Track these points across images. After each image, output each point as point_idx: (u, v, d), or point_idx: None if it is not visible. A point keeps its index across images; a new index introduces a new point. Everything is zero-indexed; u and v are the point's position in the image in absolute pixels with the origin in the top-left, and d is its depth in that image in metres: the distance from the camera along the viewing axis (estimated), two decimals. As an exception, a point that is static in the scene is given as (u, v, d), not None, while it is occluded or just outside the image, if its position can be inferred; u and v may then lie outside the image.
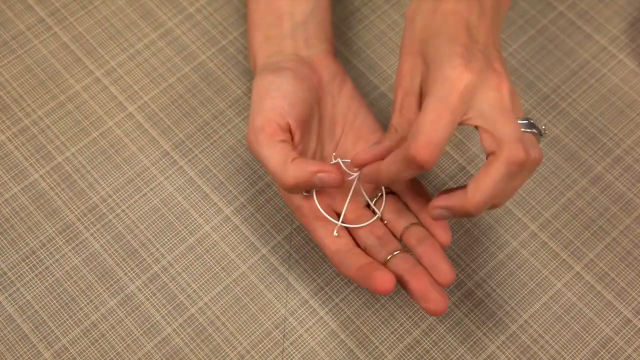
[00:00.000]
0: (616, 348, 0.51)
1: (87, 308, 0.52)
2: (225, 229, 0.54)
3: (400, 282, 0.46)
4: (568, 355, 0.51)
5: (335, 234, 0.48)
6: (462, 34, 0.42)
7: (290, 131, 0.48)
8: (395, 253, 0.47)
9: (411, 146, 0.40)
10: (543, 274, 0.53)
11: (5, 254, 0.53)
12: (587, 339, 0.51)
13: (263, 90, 0.49)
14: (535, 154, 0.41)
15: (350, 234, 0.49)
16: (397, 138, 0.44)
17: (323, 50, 0.53)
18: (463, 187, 0.42)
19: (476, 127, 0.41)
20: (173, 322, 0.51)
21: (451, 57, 0.40)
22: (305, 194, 0.49)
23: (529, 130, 0.42)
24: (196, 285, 0.52)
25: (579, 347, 0.51)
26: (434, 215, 0.43)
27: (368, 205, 0.50)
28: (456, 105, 0.40)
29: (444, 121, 0.40)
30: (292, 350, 0.51)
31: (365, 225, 0.48)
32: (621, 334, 0.51)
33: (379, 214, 0.49)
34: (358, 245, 0.48)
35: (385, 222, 0.49)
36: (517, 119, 0.41)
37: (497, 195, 0.41)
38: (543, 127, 0.44)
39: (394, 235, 0.49)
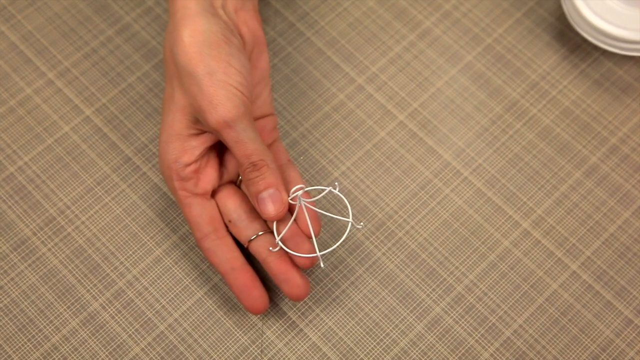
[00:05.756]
0: (617, 351, 0.51)
1: (47, 329, 0.51)
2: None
3: (263, 264, 0.50)
4: (566, 360, 0.51)
5: (273, 249, 0.50)
6: None
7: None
8: (259, 233, 0.50)
9: None
10: (537, 274, 0.54)
11: (-45, 274, 0.53)
12: (587, 342, 0.52)
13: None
14: None
15: (218, 207, 0.51)
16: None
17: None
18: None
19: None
20: (141, 341, 0.51)
21: None
22: None
23: None
24: (165, 300, 0.52)
25: (578, 351, 0.51)
26: None
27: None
28: None
29: None
30: (270, 367, 0.51)
31: (301, 255, 0.49)
32: (622, 335, 0.52)
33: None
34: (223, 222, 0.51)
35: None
36: None
37: None
38: None
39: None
